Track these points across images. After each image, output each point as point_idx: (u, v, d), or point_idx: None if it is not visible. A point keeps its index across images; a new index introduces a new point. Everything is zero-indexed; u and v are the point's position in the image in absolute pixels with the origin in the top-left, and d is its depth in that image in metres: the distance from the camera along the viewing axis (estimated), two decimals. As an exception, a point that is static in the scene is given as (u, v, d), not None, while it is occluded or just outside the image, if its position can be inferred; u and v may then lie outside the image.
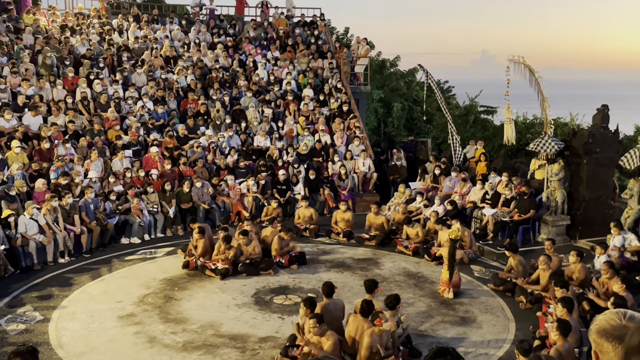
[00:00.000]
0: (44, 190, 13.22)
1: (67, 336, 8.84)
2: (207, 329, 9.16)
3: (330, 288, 8.35)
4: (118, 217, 13.80)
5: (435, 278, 11.22)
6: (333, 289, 8.38)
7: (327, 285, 8.43)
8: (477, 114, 27.72)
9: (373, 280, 8.78)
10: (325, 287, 8.39)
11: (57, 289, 10.75)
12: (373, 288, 8.53)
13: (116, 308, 9.93)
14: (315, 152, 17.95)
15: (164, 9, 27.54)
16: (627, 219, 13.15)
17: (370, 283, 8.62)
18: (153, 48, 21.23)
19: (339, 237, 14.11)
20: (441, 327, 9.28)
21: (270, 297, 10.48)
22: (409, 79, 30.00)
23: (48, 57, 18.80)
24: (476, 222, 14.56)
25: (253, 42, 23.33)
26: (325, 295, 8.31)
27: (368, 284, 8.61)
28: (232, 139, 17.88)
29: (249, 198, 15.84)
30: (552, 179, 13.74)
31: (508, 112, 15.35)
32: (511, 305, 10.11)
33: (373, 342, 7.37)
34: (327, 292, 8.32)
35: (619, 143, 14.10)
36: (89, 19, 22.85)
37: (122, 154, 15.66)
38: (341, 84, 21.08)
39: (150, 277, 11.43)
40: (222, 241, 11.66)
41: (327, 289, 8.34)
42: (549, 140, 13.65)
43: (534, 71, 14.33)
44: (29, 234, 11.87)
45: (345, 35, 32.18)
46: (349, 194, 16.80)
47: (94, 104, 17.66)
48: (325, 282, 8.70)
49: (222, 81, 20.50)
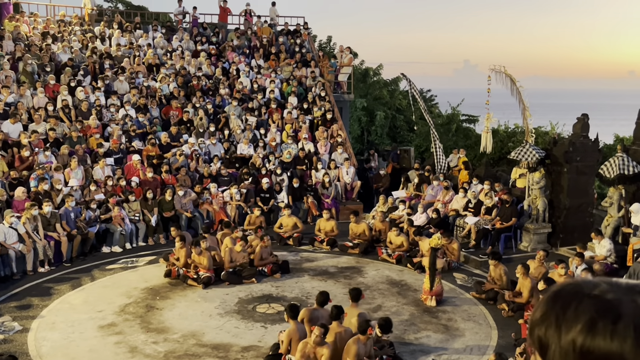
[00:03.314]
0: (24, 199, 13.05)
1: (47, 346, 8.72)
2: (189, 338, 9.09)
3: (325, 298, 8.35)
4: (99, 226, 13.66)
5: (419, 286, 11.25)
6: (328, 299, 8.37)
7: (322, 294, 8.44)
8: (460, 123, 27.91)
9: (357, 289, 8.80)
10: (320, 296, 8.39)
11: (36, 299, 10.60)
12: (358, 296, 8.54)
13: (97, 317, 9.81)
14: (299, 160, 17.95)
15: (147, 16, 27.44)
16: (607, 227, 13.30)
17: (355, 292, 8.63)
18: (136, 55, 21.13)
19: (322, 245, 14.10)
20: (424, 335, 9.30)
21: (253, 306, 10.43)
22: (392, 87, 30.15)
23: (29, 64, 18.62)
24: (459, 230, 14.64)
25: (237, 50, 23.33)
26: (318, 303, 8.31)
27: (353, 293, 8.63)
28: (215, 147, 17.82)
29: (232, 206, 15.78)
30: (534, 187, 13.87)
31: (488, 121, 15.49)
32: (493, 313, 10.16)
33: (360, 349, 7.37)
34: (321, 301, 8.32)
35: (599, 152, 14.28)
36: (71, 26, 22.69)
37: (104, 161, 15.52)
38: (324, 93, 21.13)
39: (132, 286, 11.32)
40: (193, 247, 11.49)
41: (322, 298, 8.34)
42: (530, 148, 13.79)
43: (515, 80, 14.50)
44: (8, 243, 11.69)
45: (328, 44, 32.30)
46: (332, 202, 16.80)
47: (75, 112, 17.51)
48: (321, 291, 8.71)
49: (205, 89, 20.46)
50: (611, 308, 0.99)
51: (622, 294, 1.00)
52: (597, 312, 0.99)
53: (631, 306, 0.98)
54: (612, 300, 1.00)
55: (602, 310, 0.99)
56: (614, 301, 0.99)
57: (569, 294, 1.04)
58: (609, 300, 1.00)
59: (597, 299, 1.00)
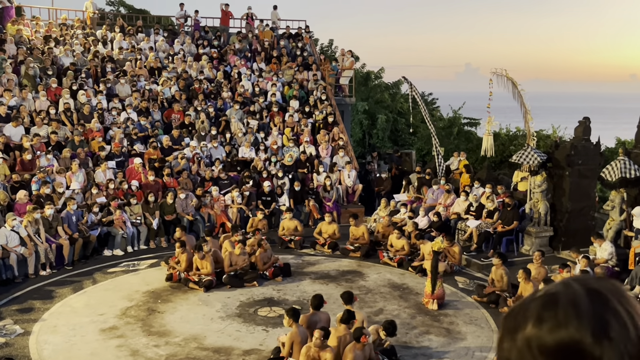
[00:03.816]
0: (26, 202, 13.07)
1: (48, 350, 8.72)
2: (191, 341, 9.08)
3: (319, 301, 8.33)
4: (100, 229, 13.67)
5: (420, 289, 11.23)
6: (322, 302, 8.36)
7: (316, 297, 8.41)
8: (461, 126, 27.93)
9: (348, 292, 8.81)
10: (314, 300, 8.36)
11: (38, 302, 10.60)
12: (350, 299, 8.55)
13: (98, 321, 9.81)
14: (300, 163, 17.96)
15: (149, 20, 27.49)
16: (609, 230, 13.29)
17: (347, 295, 8.65)
18: (137, 59, 21.17)
19: (323, 248, 14.09)
20: (425, 339, 9.29)
21: (254, 309, 10.42)
22: (394, 91, 30.16)
23: (31, 67, 18.66)
24: (460, 233, 14.63)
25: (238, 53, 23.36)
26: (313, 307, 8.28)
27: (345, 296, 8.65)
28: (216, 150, 17.83)
29: (234, 209, 15.78)
30: (535, 191, 13.85)
31: (489, 124, 15.49)
32: (495, 317, 10.14)
33: (357, 357, 7.36)
34: (315, 304, 8.30)
35: (600, 155, 14.27)
36: (73, 30, 22.74)
37: (105, 165, 15.54)
38: (326, 96, 21.15)
39: (133, 290, 11.32)
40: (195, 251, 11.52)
41: (316, 301, 8.32)
42: (532, 152, 13.78)
43: (516, 84, 14.50)
44: (9, 246, 11.71)
45: (329, 47, 32.34)
46: (333, 206, 16.80)
47: (77, 115, 17.55)
48: (315, 294, 8.67)
49: (207, 92, 20.48)
50: (553, 299, 1.03)
51: (562, 285, 1.05)
52: (543, 307, 1.02)
53: (567, 291, 1.03)
54: (554, 293, 1.04)
55: (547, 303, 1.03)
56: (556, 293, 1.04)
57: (517, 307, 1.08)
58: (552, 293, 1.04)
59: (542, 297, 1.05)
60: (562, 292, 1.03)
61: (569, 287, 1.04)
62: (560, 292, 1.03)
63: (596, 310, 0.99)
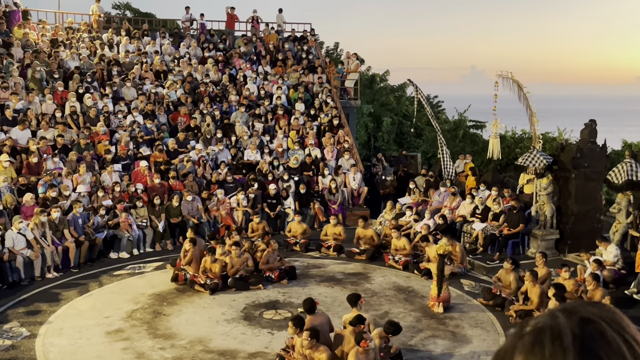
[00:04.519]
0: (33, 205, 13.12)
1: (54, 352, 8.74)
2: (196, 344, 9.09)
3: (312, 305, 8.30)
4: (107, 232, 13.71)
5: (426, 292, 11.21)
6: (314, 305, 8.34)
7: (307, 302, 8.37)
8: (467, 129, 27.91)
9: (354, 294, 8.79)
10: (306, 305, 8.32)
11: (44, 305, 10.64)
12: (356, 301, 8.53)
13: (104, 323, 9.83)
14: (306, 166, 17.97)
15: (154, 23, 27.59)
16: (615, 233, 13.23)
17: (353, 297, 8.64)
18: (143, 62, 21.24)
19: (329, 251, 14.08)
20: (431, 342, 9.26)
21: (259, 312, 10.42)
22: (399, 93, 30.16)
23: (37, 71, 18.76)
24: (466, 236, 14.59)
25: (244, 56, 23.41)
26: (308, 312, 8.25)
27: (351, 298, 8.63)
28: (222, 153, 17.87)
29: (239, 212, 15.79)
30: (541, 193, 13.82)
31: (494, 127, 15.45)
32: (501, 320, 10.11)
33: (359, 360, 7.34)
34: (308, 309, 8.27)
35: (606, 158, 14.22)
36: (79, 33, 22.84)
37: (111, 168, 15.60)
38: (331, 99, 21.16)
39: (139, 292, 11.34)
40: (207, 253, 11.58)
41: (309, 305, 8.29)
42: (538, 154, 13.74)
43: (522, 86, 14.46)
44: (16, 249, 11.76)
45: (335, 50, 32.37)
46: (339, 208, 16.79)
47: (83, 118, 17.61)
48: (305, 299, 8.60)
49: (213, 95, 20.53)
50: (539, 337, 0.97)
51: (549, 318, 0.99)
52: (530, 345, 0.97)
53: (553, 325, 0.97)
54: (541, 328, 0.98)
55: (533, 341, 0.97)
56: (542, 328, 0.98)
57: (504, 347, 1.02)
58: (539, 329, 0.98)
59: (529, 334, 0.99)
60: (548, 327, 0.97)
61: (555, 319, 0.97)
62: (546, 327, 0.97)
63: (586, 343, 0.92)
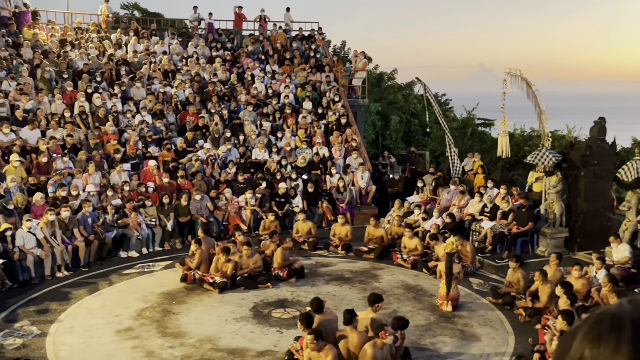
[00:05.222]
0: (42, 204, 13.20)
1: (65, 351, 8.79)
2: (205, 343, 9.12)
3: (319, 304, 8.30)
4: (116, 231, 13.78)
5: (434, 291, 11.19)
6: (322, 304, 8.33)
7: (315, 302, 8.37)
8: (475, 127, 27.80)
9: (376, 295, 8.62)
10: (314, 304, 8.33)
11: (54, 303, 10.70)
12: (374, 302, 8.46)
13: (114, 322, 9.88)
14: (314, 165, 17.98)
15: (162, 23, 27.67)
16: (625, 231, 13.16)
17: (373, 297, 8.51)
18: (151, 62, 21.31)
19: (337, 250, 14.08)
20: (440, 341, 9.25)
21: (268, 311, 10.44)
22: (407, 92, 30.13)
23: (47, 71, 18.87)
24: (475, 235, 14.56)
25: (251, 56, 23.44)
26: (315, 311, 8.25)
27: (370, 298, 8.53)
28: (230, 152, 17.90)
29: (247, 211, 15.83)
30: (550, 192, 13.76)
31: (503, 125, 15.39)
32: (510, 318, 10.09)
33: (376, 353, 7.33)
34: (316, 308, 8.27)
35: (616, 155, 14.14)
36: (88, 34, 22.95)
37: (121, 167, 15.67)
38: (339, 97, 21.15)
39: (148, 291, 11.39)
40: (221, 253, 11.61)
41: (316, 305, 8.29)
42: (547, 152, 13.68)
43: (530, 84, 14.39)
44: (26, 248, 11.84)
45: (342, 49, 32.34)
46: (347, 207, 16.79)
47: (92, 118, 17.70)
48: (312, 299, 8.60)
49: (221, 95, 20.57)
50: (616, 322, 1.01)
51: (614, 305, 1.04)
52: (607, 329, 1.01)
53: (635, 312, 1.01)
54: (617, 315, 1.02)
55: (609, 326, 1.01)
56: (619, 315, 1.02)
57: (573, 330, 1.07)
58: (613, 314, 1.03)
59: (601, 319, 1.04)
60: (610, 314, 1.02)
61: (620, 307, 1.03)
62: (609, 314, 1.02)
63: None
